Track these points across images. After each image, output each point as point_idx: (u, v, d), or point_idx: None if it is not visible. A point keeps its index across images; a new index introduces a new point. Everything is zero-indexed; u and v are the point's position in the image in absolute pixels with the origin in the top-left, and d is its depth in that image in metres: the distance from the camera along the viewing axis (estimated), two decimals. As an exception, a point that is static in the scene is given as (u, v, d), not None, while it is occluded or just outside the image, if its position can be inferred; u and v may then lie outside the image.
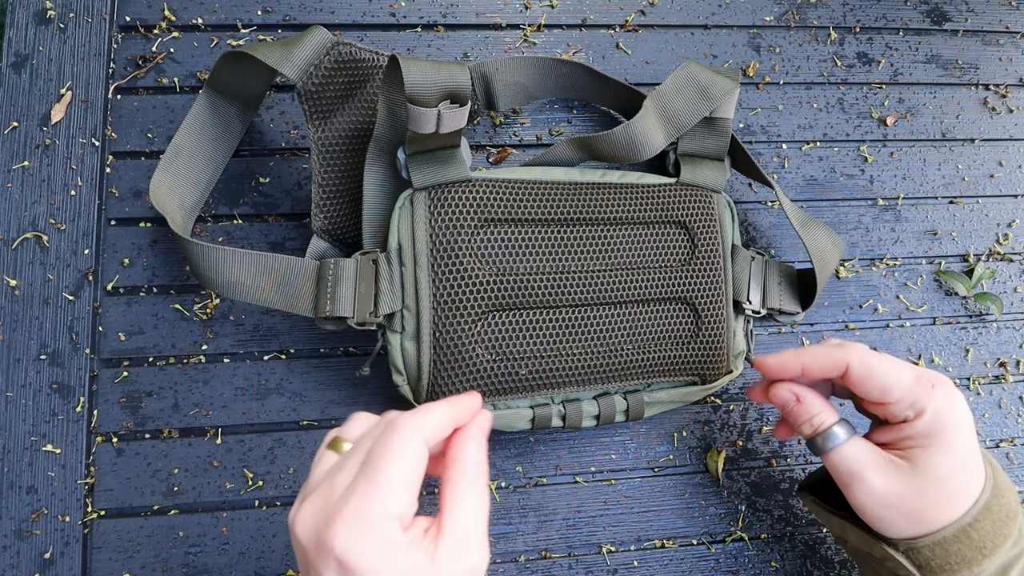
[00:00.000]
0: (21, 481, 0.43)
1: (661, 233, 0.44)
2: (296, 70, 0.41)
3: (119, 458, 0.44)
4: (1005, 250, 0.54)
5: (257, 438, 0.45)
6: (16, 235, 0.45)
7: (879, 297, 0.52)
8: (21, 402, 0.44)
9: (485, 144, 0.50)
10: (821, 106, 0.53)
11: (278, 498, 0.45)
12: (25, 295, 0.45)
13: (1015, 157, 0.55)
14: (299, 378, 0.46)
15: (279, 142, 0.48)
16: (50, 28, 0.47)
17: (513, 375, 0.41)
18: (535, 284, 0.41)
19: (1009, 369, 0.52)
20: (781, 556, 0.48)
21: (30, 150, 0.46)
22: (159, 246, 0.46)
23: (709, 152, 0.47)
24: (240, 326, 0.46)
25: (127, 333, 0.45)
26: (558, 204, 0.42)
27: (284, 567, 0.44)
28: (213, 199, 0.47)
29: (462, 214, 0.40)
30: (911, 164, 0.54)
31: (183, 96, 0.48)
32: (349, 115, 0.43)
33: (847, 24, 0.54)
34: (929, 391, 0.34)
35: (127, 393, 0.45)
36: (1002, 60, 0.56)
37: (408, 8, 0.50)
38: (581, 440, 0.48)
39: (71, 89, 0.47)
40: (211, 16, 0.48)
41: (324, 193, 0.43)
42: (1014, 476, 0.51)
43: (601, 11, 0.52)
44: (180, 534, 0.44)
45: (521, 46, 0.51)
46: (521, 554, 0.46)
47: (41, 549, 0.43)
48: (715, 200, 0.46)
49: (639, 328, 0.43)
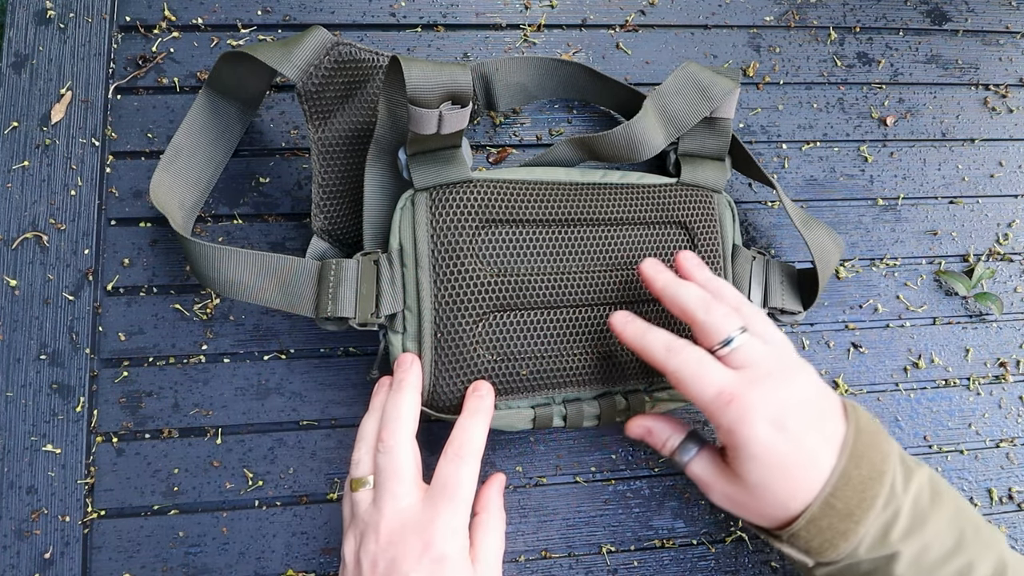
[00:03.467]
0: (21, 481, 0.43)
1: (662, 233, 0.44)
2: (296, 70, 0.41)
3: (119, 458, 0.44)
4: (1005, 250, 0.54)
5: (257, 438, 0.45)
6: (16, 235, 0.45)
7: (879, 297, 0.52)
8: (21, 402, 0.44)
9: (485, 144, 0.50)
10: (821, 106, 0.53)
11: (278, 498, 0.45)
12: (25, 295, 0.45)
13: (1015, 157, 0.55)
14: (299, 378, 0.46)
15: (279, 142, 0.48)
16: (50, 28, 0.47)
17: (514, 375, 0.41)
18: (536, 285, 0.41)
19: (1009, 369, 0.52)
20: (781, 556, 0.48)
21: (30, 150, 0.46)
22: (159, 246, 0.46)
23: (709, 152, 0.47)
24: (240, 326, 0.46)
25: (127, 333, 0.45)
26: (559, 205, 0.42)
27: (284, 567, 0.44)
28: (213, 199, 0.47)
29: (463, 215, 0.40)
30: (911, 164, 0.54)
31: (183, 96, 0.48)
32: (349, 115, 0.43)
33: (847, 24, 0.54)
34: (724, 408, 0.34)
35: (127, 393, 0.45)
36: (1002, 60, 0.56)
37: (408, 8, 0.50)
38: (581, 440, 0.48)
39: (71, 89, 0.47)
40: (211, 16, 0.48)
41: (324, 193, 0.43)
42: (1015, 476, 0.51)
43: (601, 11, 0.52)
44: (180, 534, 0.44)
45: (521, 46, 0.51)
46: (521, 554, 0.46)
47: (41, 549, 0.43)
48: (715, 200, 0.46)
49: (639, 328, 0.43)
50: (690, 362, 0.35)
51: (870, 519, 0.34)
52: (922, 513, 0.35)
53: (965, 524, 0.36)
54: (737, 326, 0.36)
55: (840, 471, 0.34)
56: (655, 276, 0.39)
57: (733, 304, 0.38)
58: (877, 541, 0.34)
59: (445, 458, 0.36)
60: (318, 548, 0.45)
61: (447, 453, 0.37)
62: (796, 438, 0.34)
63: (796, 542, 0.35)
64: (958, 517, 0.36)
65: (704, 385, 0.35)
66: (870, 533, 0.34)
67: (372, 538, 0.35)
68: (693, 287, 0.38)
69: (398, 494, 0.36)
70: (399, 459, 0.36)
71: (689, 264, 0.41)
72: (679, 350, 0.36)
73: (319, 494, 0.45)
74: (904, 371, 0.52)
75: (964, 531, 0.35)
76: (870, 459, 0.35)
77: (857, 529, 0.34)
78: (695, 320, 0.37)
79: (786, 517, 0.35)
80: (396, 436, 0.37)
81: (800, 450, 0.34)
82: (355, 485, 0.37)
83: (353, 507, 0.37)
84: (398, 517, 0.35)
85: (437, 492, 0.36)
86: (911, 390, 0.51)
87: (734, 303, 0.38)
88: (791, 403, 0.35)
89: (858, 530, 0.34)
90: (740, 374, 0.35)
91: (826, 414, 0.36)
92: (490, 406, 0.39)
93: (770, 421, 0.34)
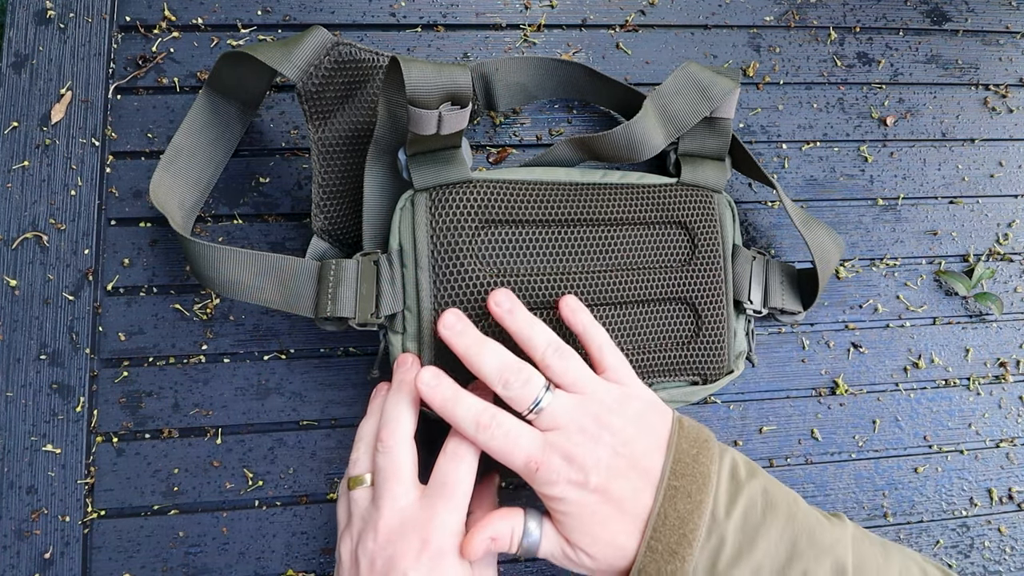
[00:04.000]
0: (21, 481, 0.43)
1: (661, 233, 0.44)
2: (296, 70, 0.41)
3: (119, 458, 0.44)
4: (1005, 250, 0.54)
5: (257, 438, 0.45)
6: (16, 235, 0.45)
7: (879, 297, 0.52)
8: (21, 402, 0.44)
9: (485, 144, 0.50)
10: (821, 106, 0.53)
11: (278, 498, 0.45)
12: (25, 295, 0.45)
13: (1015, 157, 0.55)
14: (299, 378, 0.46)
15: (279, 142, 0.48)
16: (50, 28, 0.47)
17: (513, 375, 0.41)
18: (535, 285, 0.41)
19: (1009, 369, 0.52)
20: None
21: (30, 150, 0.46)
22: (159, 246, 0.46)
23: (710, 152, 0.47)
24: (240, 326, 0.46)
25: (127, 333, 0.45)
26: (558, 205, 0.42)
27: (284, 567, 0.44)
28: (213, 199, 0.47)
29: (462, 216, 0.40)
30: (911, 164, 0.54)
31: (183, 96, 0.48)
32: (349, 115, 0.43)
33: (847, 24, 0.54)
34: (534, 475, 0.35)
35: (127, 393, 0.45)
36: (1002, 60, 0.56)
37: (408, 8, 0.50)
38: (581, 440, 0.48)
39: (71, 89, 0.47)
40: (211, 16, 0.48)
41: (324, 193, 0.43)
42: (1014, 476, 0.51)
43: (601, 11, 0.52)
44: (180, 534, 0.44)
45: (521, 46, 0.51)
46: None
47: (41, 549, 0.43)
48: (715, 200, 0.46)
49: (640, 329, 0.43)
50: (496, 437, 0.35)
51: (694, 553, 0.34)
52: (751, 532, 0.35)
53: (798, 533, 0.35)
54: (541, 386, 0.36)
55: (656, 513, 0.34)
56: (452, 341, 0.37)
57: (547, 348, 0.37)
58: (707, 574, 0.34)
59: (444, 456, 0.37)
60: (318, 548, 0.45)
61: (446, 451, 0.37)
62: (602, 490, 0.35)
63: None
64: (790, 527, 0.35)
65: (513, 457, 0.35)
66: (700, 567, 0.34)
67: (370, 536, 0.35)
68: (491, 357, 0.36)
69: (397, 493, 0.36)
70: (398, 458, 0.36)
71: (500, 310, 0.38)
72: (487, 425, 0.35)
73: (319, 494, 0.45)
74: (904, 371, 0.52)
75: (797, 541, 0.35)
76: (686, 491, 0.35)
77: (684, 567, 0.34)
78: (498, 393, 0.36)
79: (626, 566, 0.35)
80: (395, 436, 0.37)
81: (609, 501, 0.35)
82: (352, 484, 0.37)
83: (350, 506, 0.37)
84: (397, 516, 0.35)
85: (435, 490, 0.36)
86: (911, 390, 0.51)
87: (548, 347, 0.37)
88: (596, 456, 0.35)
89: (685, 568, 0.34)
90: (547, 437, 0.35)
91: (641, 453, 0.36)
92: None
93: (572, 482, 0.35)
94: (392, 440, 0.37)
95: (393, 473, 0.36)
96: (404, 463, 0.36)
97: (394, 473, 0.36)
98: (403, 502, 0.35)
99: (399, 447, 0.37)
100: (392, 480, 0.36)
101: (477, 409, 0.36)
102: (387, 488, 0.36)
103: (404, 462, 0.36)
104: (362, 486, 0.37)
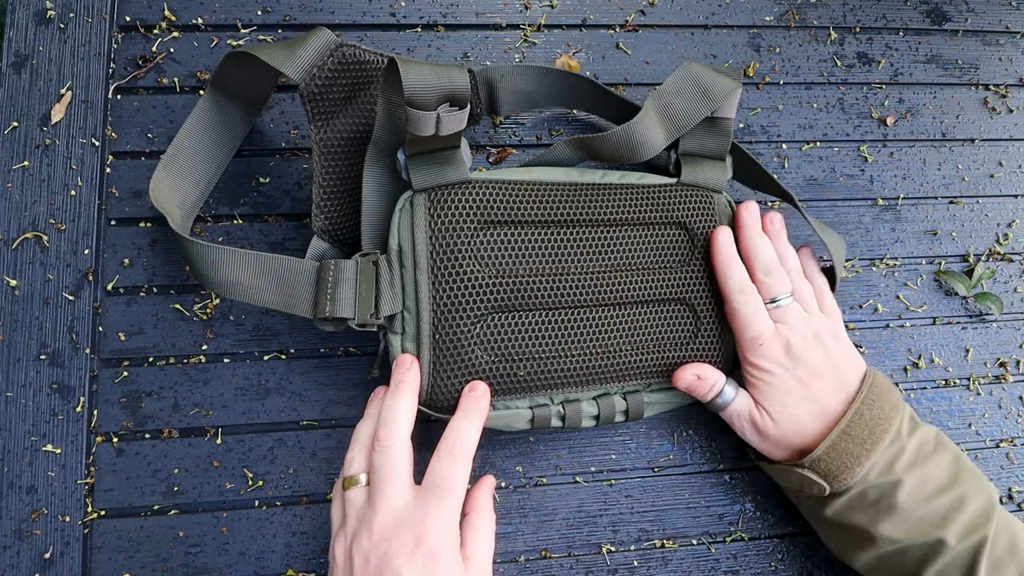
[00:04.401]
0: (21, 481, 0.43)
1: (661, 234, 0.44)
2: (299, 71, 0.41)
3: (119, 458, 0.44)
4: (1005, 250, 0.54)
5: (257, 438, 0.45)
6: (16, 235, 0.45)
7: (879, 297, 0.52)
8: (21, 402, 0.44)
9: (485, 144, 0.50)
10: (821, 106, 0.53)
11: (278, 498, 0.45)
12: (25, 295, 0.45)
13: (1015, 157, 0.55)
14: (299, 378, 0.46)
15: (279, 142, 0.48)
16: (50, 28, 0.47)
17: (512, 376, 0.41)
18: (535, 286, 0.41)
19: (1009, 369, 0.52)
20: (781, 556, 0.48)
21: (30, 150, 0.46)
22: (159, 246, 0.46)
23: (710, 152, 0.47)
24: (240, 326, 0.46)
25: (127, 333, 0.45)
26: (558, 206, 0.42)
27: (284, 567, 0.44)
28: (213, 199, 0.47)
29: (461, 217, 0.40)
30: (911, 164, 0.54)
31: (183, 96, 0.48)
32: (352, 116, 0.43)
33: (847, 24, 0.54)
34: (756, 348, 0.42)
35: (127, 393, 0.45)
36: (1002, 60, 0.56)
37: (408, 8, 0.50)
38: (581, 440, 0.48)
39: (71, 89, 0.47)
40: (211, 16, 0.48)
41: (325, 194, 0.43)
42: (1015, 476, 0.51)
43: (601, 11, 0.52)
44: (180, 534, 0.44)
45: (521, 46, 0.51)
46: (521, 554, 0.46)
47: (41, 549, 0.43)
48: (716, 200, 0.46)
49: (639, 329, 0.43)
50: (749, 304, 0.43)
51: (880, 450, 0.40)
52: (925, 453, 0.41)
53: (962, 468, 0.41)
54: (787, 291, 0.43)
55: (852, 412, 0.41)
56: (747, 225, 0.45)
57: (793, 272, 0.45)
58: (884, 470, 0.40)
59: (438, 457, 0.37)
60: (318, 548, 0.45)
61: (440, 452, 0.37)
62: (804, 381, 0.42)
63: (817, 466, 0.41)
64: (956, 463, 0.42)
65: (750, 326, 0.42)
66: (879, 463, 0.40)
67: (365, 535, 0.35)
68: (769, 250, 0.44)
69: (392, 493, 0.36)
70: (395, 458, 0.36)
71: (773, 227, 0.46)
72: (748, 294, 0.43)
73: (319, 494, 0.45)
74: (904, 371, 0.52)
75: (960, 472, 0.41)
76: (880, 406, 0.41)
77: (869, 456, 0.40)
78: (755, 277, 0.44)
79: (803, 445, 0.42)
80: (393, 436, 0.37)
81: (807, 389, 0.42)
82: (348, 483, 0.38)
83: (345, 506, 0.37)
84: (392, 514, 0.35)
85: (430, 490, 0.36)
86: (911, 390, 0.51)
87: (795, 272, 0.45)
88: (809, 356, 0.42)
89: (870, 456, 0.40)
90: (778, 327, 0.43)
91: (844, 373, 0.43)
92: (485, 407, 0.40)
93: (783, 366, 0.42)
94: (389, 439, 0.37)
95: (389, 472, 0.36)
96: (400, 463, 0.36)
97: (390, 472, 0.36)
98: (398, 501, 0.36)
99: (396, 446, 0.37)
100: (388, 479, 0.36)
101: (744, 279, 0.43)
102: (383, 487, 0.36)
103: (401, 462, 0.37)
104: (357, 486, 0.37)
